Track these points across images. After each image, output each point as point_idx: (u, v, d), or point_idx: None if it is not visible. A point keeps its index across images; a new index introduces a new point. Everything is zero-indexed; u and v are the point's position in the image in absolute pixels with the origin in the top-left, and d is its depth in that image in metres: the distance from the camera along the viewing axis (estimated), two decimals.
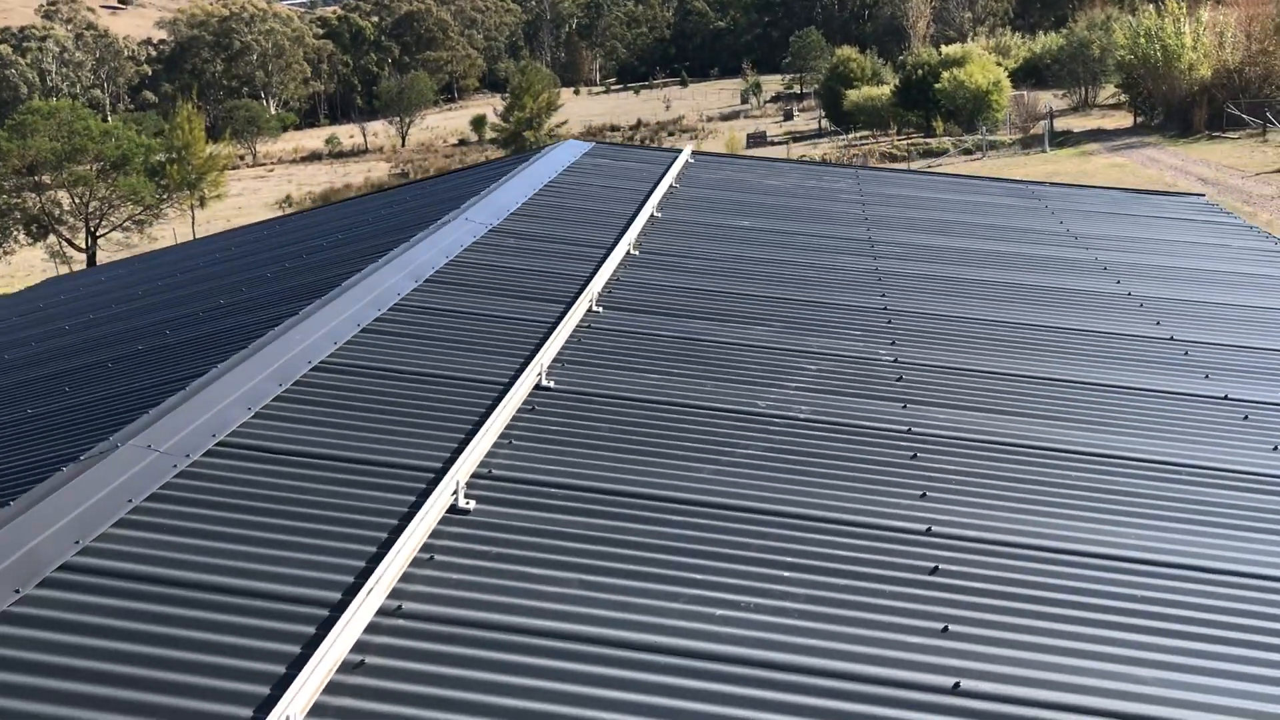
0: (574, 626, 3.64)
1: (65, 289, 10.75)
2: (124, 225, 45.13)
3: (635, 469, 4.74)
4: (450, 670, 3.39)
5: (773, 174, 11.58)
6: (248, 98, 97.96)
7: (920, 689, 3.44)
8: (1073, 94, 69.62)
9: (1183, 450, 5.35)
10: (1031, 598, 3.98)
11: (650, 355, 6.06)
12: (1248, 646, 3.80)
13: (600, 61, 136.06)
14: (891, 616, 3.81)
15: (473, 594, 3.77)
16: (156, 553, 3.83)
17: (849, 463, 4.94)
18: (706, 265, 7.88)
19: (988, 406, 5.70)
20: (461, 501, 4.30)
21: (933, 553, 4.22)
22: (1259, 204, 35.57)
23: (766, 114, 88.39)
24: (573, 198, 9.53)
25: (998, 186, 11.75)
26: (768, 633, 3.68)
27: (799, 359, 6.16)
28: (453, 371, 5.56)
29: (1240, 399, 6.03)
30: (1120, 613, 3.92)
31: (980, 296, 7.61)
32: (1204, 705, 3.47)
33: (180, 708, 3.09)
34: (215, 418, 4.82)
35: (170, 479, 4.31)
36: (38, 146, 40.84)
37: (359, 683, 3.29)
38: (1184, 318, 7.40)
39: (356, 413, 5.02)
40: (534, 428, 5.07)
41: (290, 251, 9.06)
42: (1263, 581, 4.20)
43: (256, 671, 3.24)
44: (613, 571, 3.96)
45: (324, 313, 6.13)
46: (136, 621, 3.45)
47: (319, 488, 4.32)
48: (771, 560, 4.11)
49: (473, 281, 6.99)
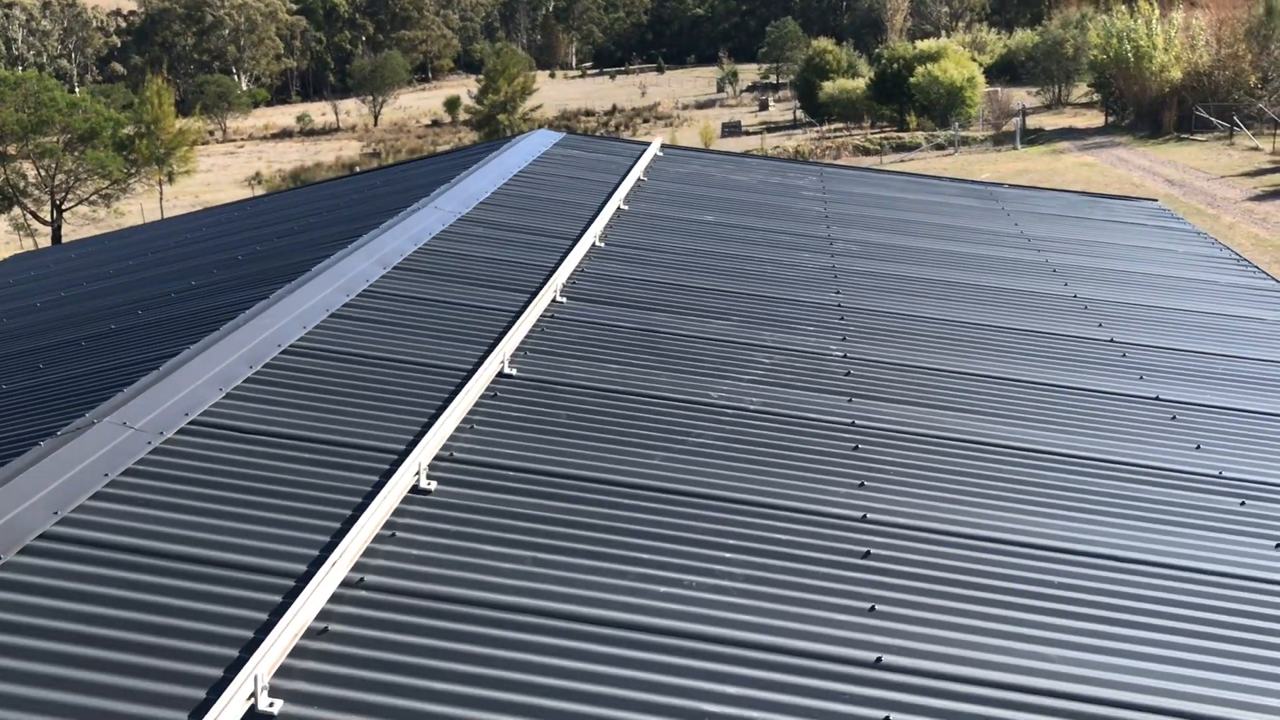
0: (526, 600, 3.88)
1: (35, 265, 10.86)
2: (90, 199, 44.82)
3: (591, 454, 4.99)
4: (409, 638, 3.63)
5: (739, 169, 11.83)
6: (219, 72, 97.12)
7: (844, 662, 3.71)
8: (1046, 92, 70.29)
9: (1111, 447, 5.65)
10: (955, 581, 4.26)
11: (610, 346, 6.30)
12: (1153, 630, 4.10)
13: (577, 45, 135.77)
14: (823, 596, 4.08)
15: (431, 569, 4.01)
16: (132, 524, 4.04)
17: (793, 452, 5.20)
18: (669, 259, 8.12)
19: (931, 402, 5.98)
20: (423, 482, 4.53)
21: (866, 538, 4.50)
22: (1222, 206, 36.20)
23: (742, 103, 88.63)
24: (542, 188, 9.75)
25: (957, 187, 12.06)
26: (707, 609, 3.94)
27: (753, 352, 6.42)
28: (418, 358, 5.78)
29: (1170, 400, 6.34)
30: (1035, 596, 4.21)
31: (932, 295, 7.90)
32: (1101, 681, 3.76)
33: (154, 667, 3.31)
34: (188, 397, 5.02)
35: (145, 455, 4.51)
36: (3, 117, 40.50)
37: (323, 648, 3.53)
38: (1125, 320, 7.71)
39: (324, 395, 5.23)
40: (495, 413, 5.31)
41: (261, 234, 9.22)
42: (1169, 570, 4.50)
43: (226, 635, 3.47)
44: (565, 550, 4.21)
45: (294, 297, 6.33)
46: (112, 588, 3.67)
47: (287, 466, 4.54)
48: (715, 542, 4.37)
49: (440, 269, 7.20)
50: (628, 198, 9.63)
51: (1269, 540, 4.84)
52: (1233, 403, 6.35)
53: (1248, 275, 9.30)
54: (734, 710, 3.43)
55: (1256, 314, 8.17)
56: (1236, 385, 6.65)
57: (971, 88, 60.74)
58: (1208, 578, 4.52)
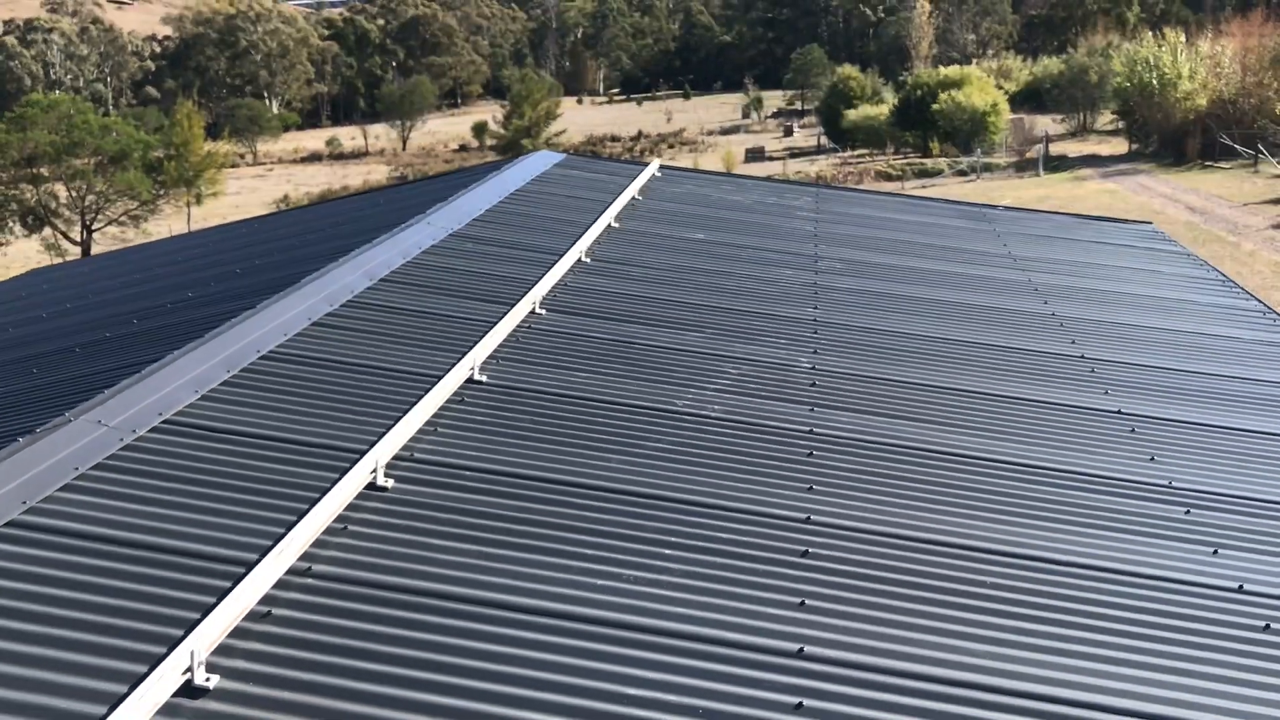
0: (467, 590, 4.05)
1: (48, 279, 11.17)
2: (119, 220, 45.56)
3: (549, 457, 5.16)
4: (350, 623, 3.80)
5: (736, 190, 12.02)
6: (251, 96, 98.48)
7: (769, 652, 3.85)
8: (1071, 119, 70.26)
9: (1065, 457, 5.77)
10: (888, 580, 4.39)
11: (583, 355, 6.48)
12: (1079, 628, 4.21)
13: (605, 71, 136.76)
14: (757, 591, 4.22)
15: (379, 560, 4.19)
16: (96, 514, 4.23)
17: (748, 457, 5.36)
18: (653, 274, 8.30)
19: (891, 412, 6.12)
20: (380, 480, 4.72)
21: (807, 538, 4.64)
22: (1243, 234, 36.05)
23: (767, 129, 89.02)
24: (536, 206, 9.97)
25: (950, 208, 12.20)
26: (643, 601, 4.09)
27: (722, 363, 6.58)
28: (391, 364, 5.98)
29: (1131, 413, 6.45)
30: (965, 595, 4.34)
31: (909, 312, 8.04)
32: (1020, 675, 3.88)
33: (102, 644, 3.49)
34: (164, 398, 5.23)
35: (116, 450, 4.72)
36: (36, 139, 41.31)
37: (265, 630, 3.70)
38: (1098, 337, 7.82)
39: (295, 398, 5.43)
40: (461, 417, 5.49)
41: (262, 250, 9.48)
42: (1104, 573, 4.62)
43: (172, 617, 3.65)
44: (509, 545, 4.38)
45: (279, 306, 6.55)
46: (70, 572, 3.86)
47: (251, 463, 4.74)
48: (658, 540, 4.52)
49: (424, 282, 7.41)
50: (619, 216, 9.83)
51: (1207, 547, 4.95)
52: (1193, 417, 6.46)
53: (1231, 296, 9.38)
54: (650, 693, 3.58)
55: (1233, 333, 8.26)
56: (1199, 400, 6.75)
57: (995, 114, 60.81)
58: (1143, 581, 4.63)
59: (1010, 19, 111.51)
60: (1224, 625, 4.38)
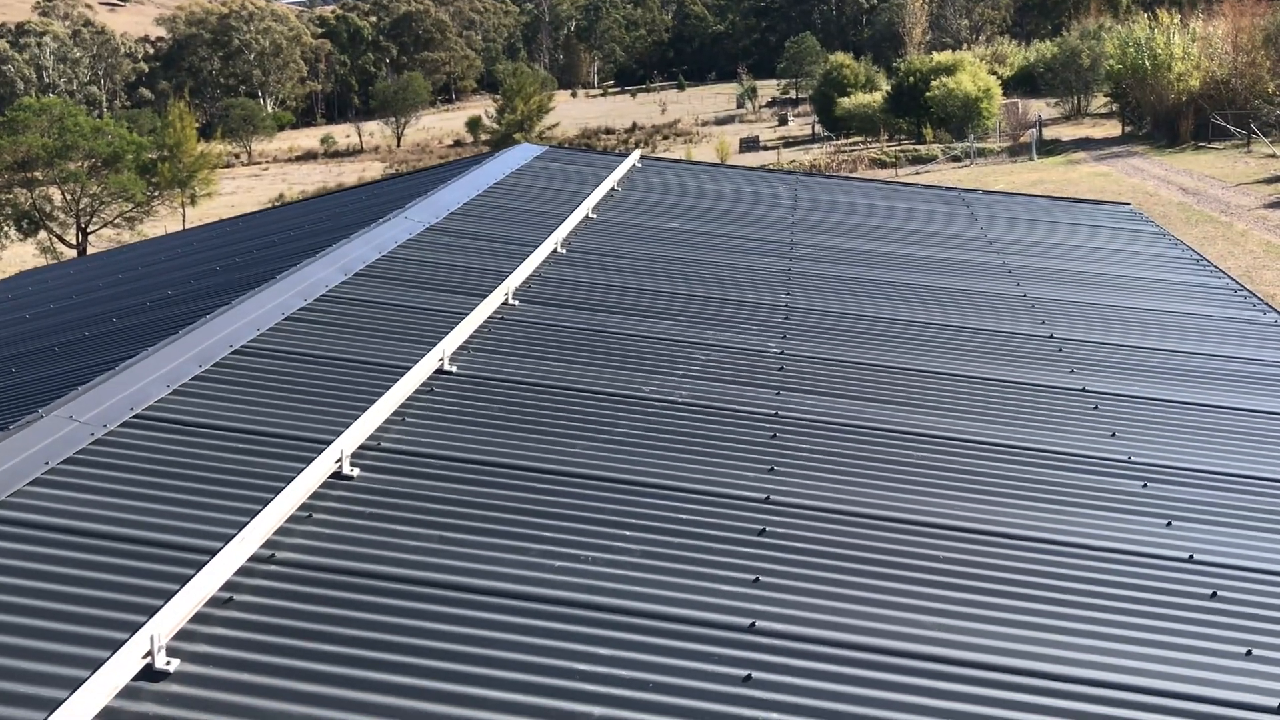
0: (428, 574, 4.14)
1: (35, 281, 11.25)
2: (114, 222, 45.64)
3: (514, 445, 5.25)
4: (312, 608, 3.88)
5: (715, 179, 12.09)
6: (245, 96, 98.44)
7: (721, 627, 3.94)
8: (1065, 103, 70.23)
9: (1027, 435, 5.85)
10: (843, 556, 4.48)
11: (554, 345, 6.57)
12: (1033, 600, 4.30)
13: (599, 64, 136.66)
14: (712, 569, 4.31)
15: (343, 546, 4.27)
16: (65, 507, 4.32)
17: (711, 441, 5.44)
18: (628, 264, 8.38)
19: (856, 395, 6.21)
20: (346, 469, 4.80)
21: (764, 517, 4.73)
22: (1235, 214, 36.09)
23: (761, 119, 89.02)
24: (514, 198, 10.04)
25: (929, 193, 12.27)
26: (601, 581, 4.18)
27: (692, 350, 6.66)
28: (362, 356, 6.06)
29: (1095, 391, 6.54)
30: (919, 570, 4.42)
31: (881, 296, 8.12)
32: (971, 645, 3.97)
33: (65, 631, 3.58)
34: (135, 393, 5.32)
35: (86, 445, 4.80)
36: (29, 143, 41.37)
37: (227, 615, 3.79)
38: (1067, 317, 7.91)
39: (264, 391, 5.52)
40: (429, 407, 5.58)
41: (243, 247, 9.56)
42: (1060, 546, 4.70)
43: (134, 604, 3.74)
44: (471, 529, 4.46)
45: (252, 301, 6.63)
46: (38, 563, 3.95)
47: (217, 455, 4.83)
48: (618, 522, 4.61)
49: (398, 275, 7.50)
50: (598, 207, 9.91)
51: (1162, 519, 5.04)
52: (1156, 393, 6.54)
53: (1205, 274, 9.46)
54: (603, 669, 3.67)
55: (1204, 310, 8.34)
56: (1164, 377, 6.83)
57: (988, 100, 60.82)
58: (1098, 553, 4.72)
59: (1004, 3, 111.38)
60: (1173, 594, 4.47)
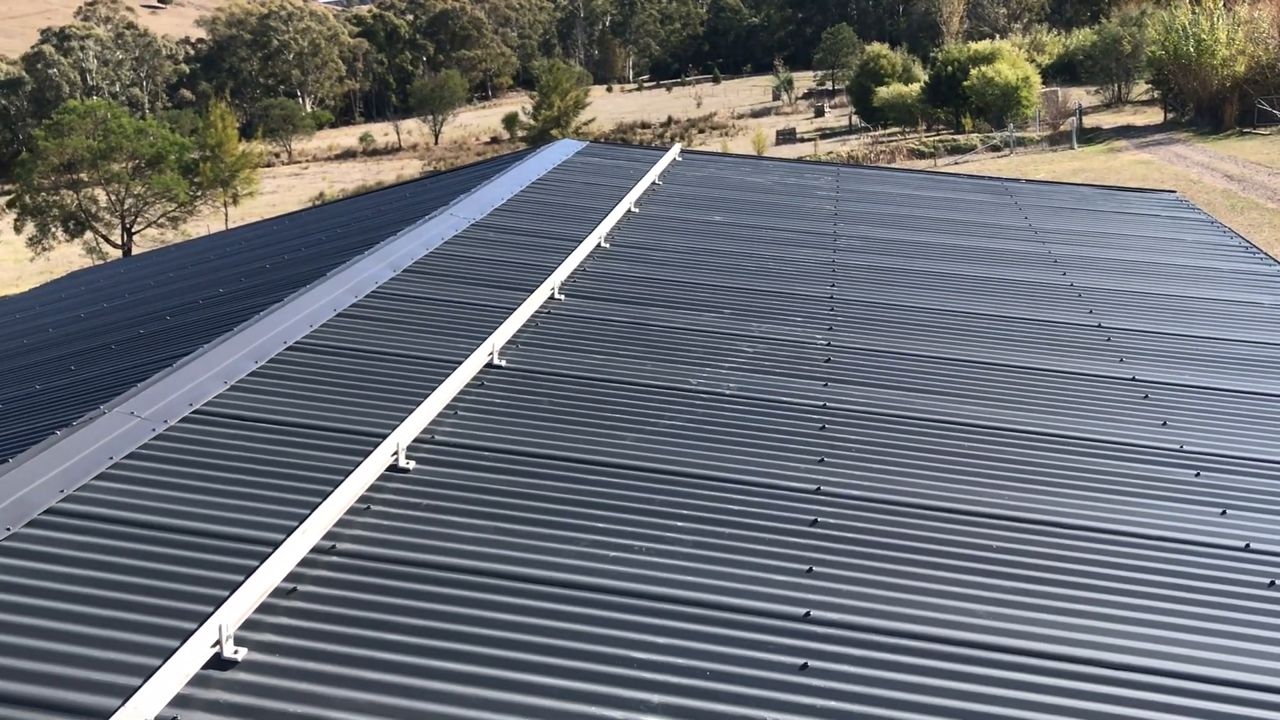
0: (484, 564, 4.20)
1: (85, 281, 11.45)
2: (158, 222, 46.22)
3: (565, 437, 5.30)
4: (373, 597, 3.96)
5: (756, 171, 12.09)
6: (284, 96, 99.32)
7: (776, 617, 3.98)
8: (1105, 90, 69.45)
9: (1078, 425, 5.83)
10: (896, 546, 4.50)
11: (600, 338, 6.61)
12: (1090, 590, 4.30)
13: (634, 58, 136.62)
14: (765, 559, 4.34)
15: (401, 537, 4.35)
16: (130, 500, 4.42)
17: (760, 432, 5.47)
18: (671, 257, 8.42)
19: (905, 385, 6.21)
20: (402, 461, 4.88)
21: (816, 508, 4.75)
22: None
23: (798, 111, 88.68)
24: (556, 194, 10.10)
25: (972, 183, 12.21)
26: (652, 570, 4.22)
27: (738, 342, 6.69)
28: (413, 351, 6.14)
29: (1145, 380, 6.50)
30: (973, 559, 4.43)
31: (925, 287, 8.10)
32: (1026, 634, 3.98)
33: (135, 621, 3.68)
34: (194, 389, 5.42)
35: (148, 440, 4.91)
36: (74, 145, 41.99)
37: (291, 605, 3.87)
38: (1115, 306, 7.85)
39: (320, 386, 5.60)
40: (480, 400, 5.64)
41: (290, 245, 9.68)
42: (1115, 536, 4.69)
43: (202, 595, 3.83)
44: (526, 520, 4.52)
45: (305, 298, 6.73)
46: (107, 555, 4.05)
47: (276, 449, 4.91)
48: (669, 513, 4.65)
49: (446, 271, 7.57)
50: (639, 201, 9.94)
51: (1215, 508, 5.01)
52: (1206, 382, 6.49)
53: (1254, 262, 9.35)
54: (661, 658, 3.71)
55: (1254, 299, 8.25)
56: (1214, 366, 6.78)
57: (1027, 88, 60.22)
58: (1153, 543, 4.71)
59: None
60: (1231, 583, 4.45)
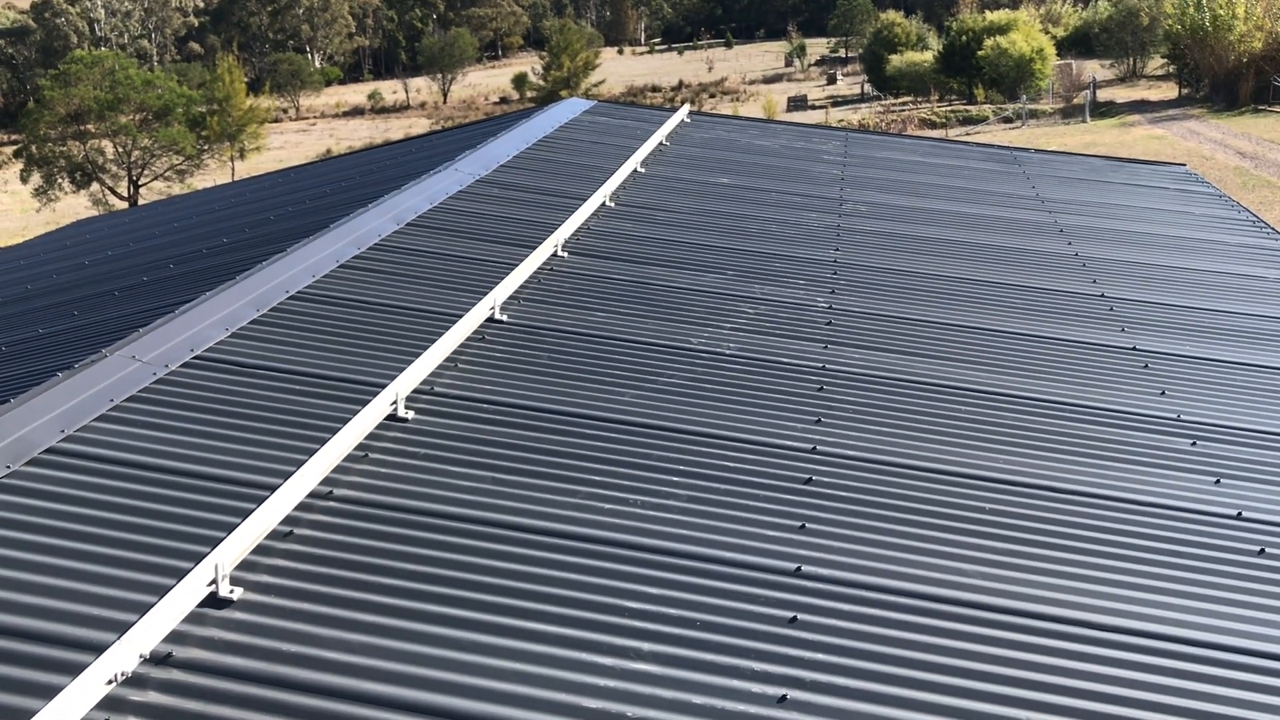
0: (480, 513, 4.23)
1: (91, 229, 11.45)
2: (165, 175, 46.13)
3: (564, 391, 5.32)
4: (368, 542, 3.99)
5: (764, 135, 12.04)
6: (293, 51, 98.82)
7: (767, 570, 4.01)
8: (1120, 64, 68.89)
9: (1077, 392, 5.85)
10: (888, 505, 4.52)
11: (602, 296, 6.62)
12: (1076, 552, 4.33)
13: (646, 21, 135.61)
14: (759, 515, 4.37)
15: (398, 485, 4.38)
16: (129, 442, 4.45)
17: (758, 392, 5.48)
18: (677, 218, 8.41)
19: (904, 349, 6.22)
20: (401, 411, 4.90)
21: (811, 466, 4.78)
22: None
23: (810, 77, 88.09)
24: (563, 152, 10.07)
25: (981, 152, 12.16)
26: (648, 524, 4.26)
27: (740, 303, 6.69)
28: (415, 304, 6.15)
29: (1146, 350, 6.50)
30: (962, 520, 4.46)
31: (930, 253, 8.09)
32: (1011, 594, 4.01)
33: (133, 559, 3.71)
34: (195, 336, 5.44)
35: (148, 384, 4.93)
36: (81, 95, 41.84)
37: (287, 547, 3.91)
38: (1119, 276, 7.84)
39: (321, 335, 5.62)
40: (480, 354, 5.66)
41: (295, 198, 9.67)
42: (1106, 500, 4.72)
43: (200, 535, 3.86)
44: (523, 472, 4.55)
45: (307, 249, 6.73)
46: (106, 494, 4.08)
47: (277, 396, 4.94)
48: (665, 468, 4.68)
49: (449, 226, 7.57)
50: (646, 161, 9.91)
51: (1210, 477, 5.03)
52: (1206, 353, 6.50)
53: (1261, 236, 9.33)
54: (652, 607, 3.75)
55: (1258, 272, 8.24)
56: (1214, 337, 6.78)
57: (1041, 60, 59.75)
58: (1145, 509, 4.73)
59: None
60: (1222, 550, 4.47)
